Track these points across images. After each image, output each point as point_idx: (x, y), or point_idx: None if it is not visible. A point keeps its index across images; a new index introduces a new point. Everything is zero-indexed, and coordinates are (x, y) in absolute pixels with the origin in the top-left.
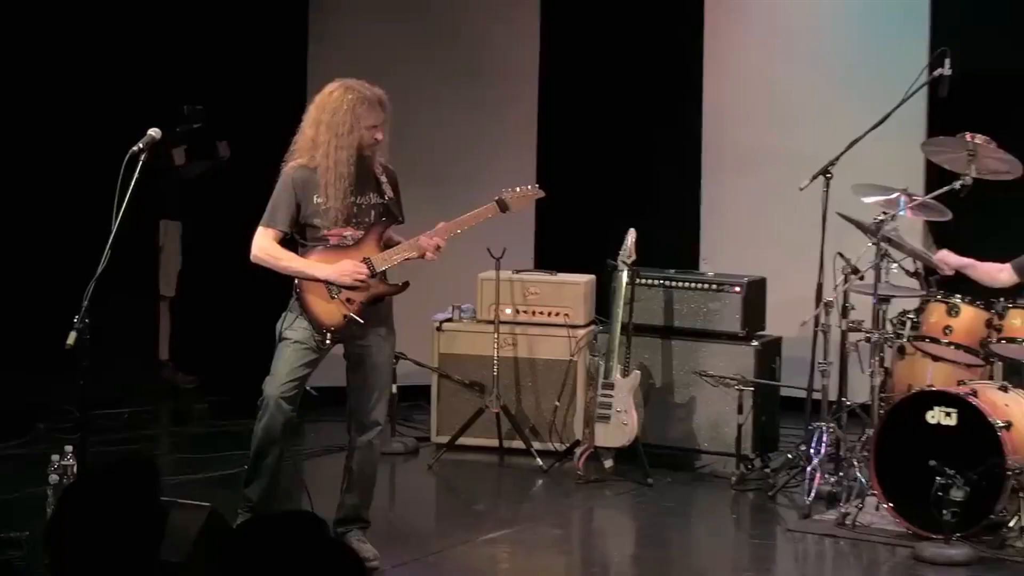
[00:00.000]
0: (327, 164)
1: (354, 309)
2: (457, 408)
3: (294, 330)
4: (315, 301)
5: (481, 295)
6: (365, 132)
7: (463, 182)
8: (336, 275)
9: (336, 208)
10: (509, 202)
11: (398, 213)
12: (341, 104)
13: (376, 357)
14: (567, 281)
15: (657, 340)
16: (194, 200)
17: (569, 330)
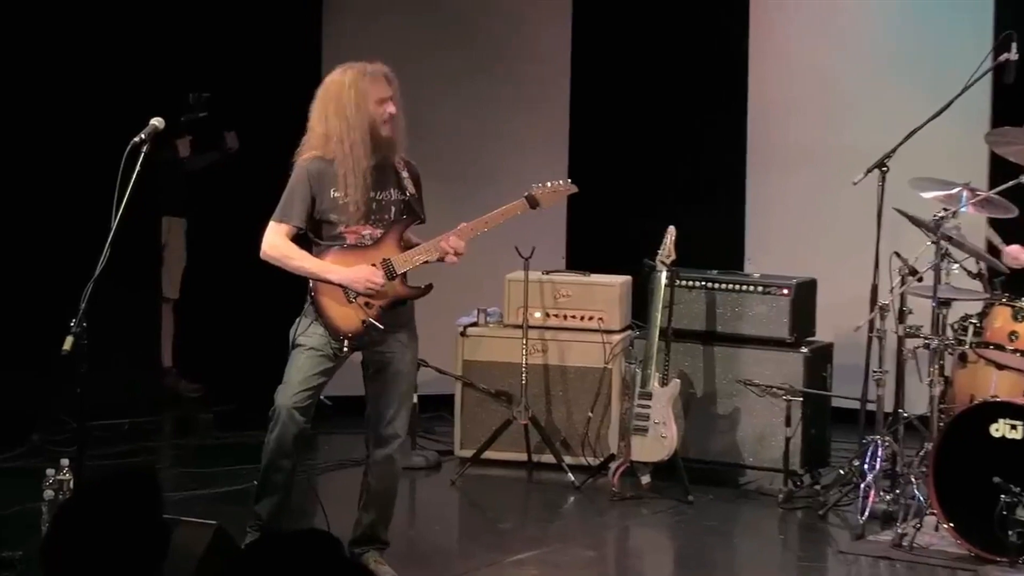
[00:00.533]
0: (343, 151)
1: (373, 314)
2: (482, 419)
3: (309, 336)
4: (331, 305)
5: (509, 297)
6: (375, 108)
7: (489, 178)
8: (350, 280)
9: (355, 202)
10: (539, 198)
11: (419, 211)
12: (343, 85)
13: (397, 364)
14: (601, 282)
15: (698, 346)
16: (200, 195)
17: (603, 335)
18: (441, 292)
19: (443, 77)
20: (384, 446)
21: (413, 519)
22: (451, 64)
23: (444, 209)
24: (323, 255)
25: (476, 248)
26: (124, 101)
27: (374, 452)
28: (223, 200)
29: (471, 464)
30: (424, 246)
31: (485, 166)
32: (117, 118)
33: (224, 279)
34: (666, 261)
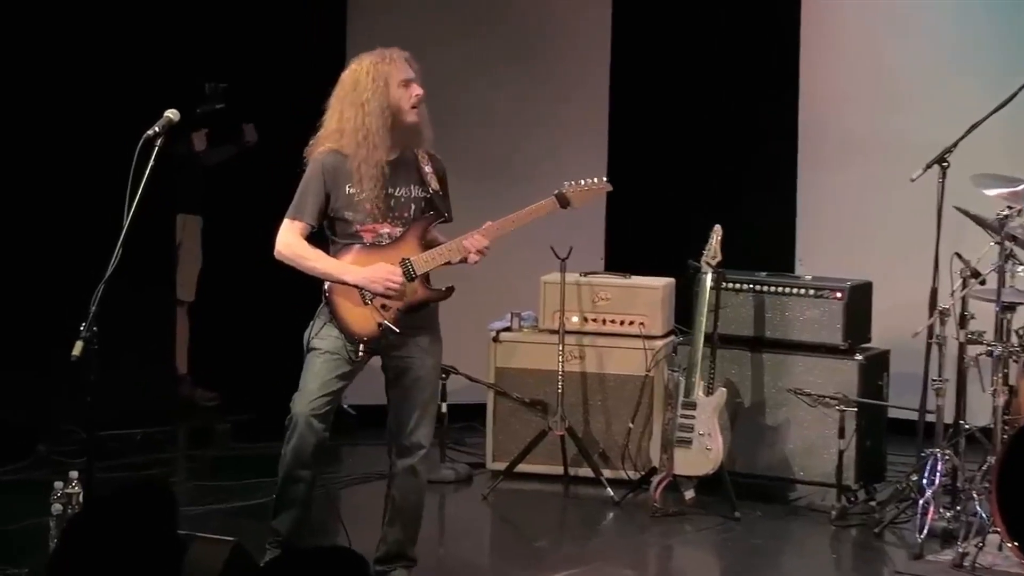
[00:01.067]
0: (356, 142)
1: (389, 317)
2: (516, 430)
3: (323, 339)
4: (346, 307)
5: (544, 301)
6: (397, 91)
7: (521, 174)
8: (367, 280)
9: (370, 198)
10: (570, 197)
11: (444, 209)
12: (360, 72)
13: (418, 370)
14: (642, 285)
15: (746, 353)
16: (216, 191)
17: (645, 341)
18: (473, 295)
19: (474, 64)
20: (406, 457)
21: (442, 536)
22: (482, 50)
23: (474, 207)
24: (339, 254)
25: (509, 248)
26: (137, 92)
27: (396, 464)
28: (241, 197)
29: (504, 478)
30: (446, 246)
31: (518, 161)
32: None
33: (242, 281)
34: (712, 262)
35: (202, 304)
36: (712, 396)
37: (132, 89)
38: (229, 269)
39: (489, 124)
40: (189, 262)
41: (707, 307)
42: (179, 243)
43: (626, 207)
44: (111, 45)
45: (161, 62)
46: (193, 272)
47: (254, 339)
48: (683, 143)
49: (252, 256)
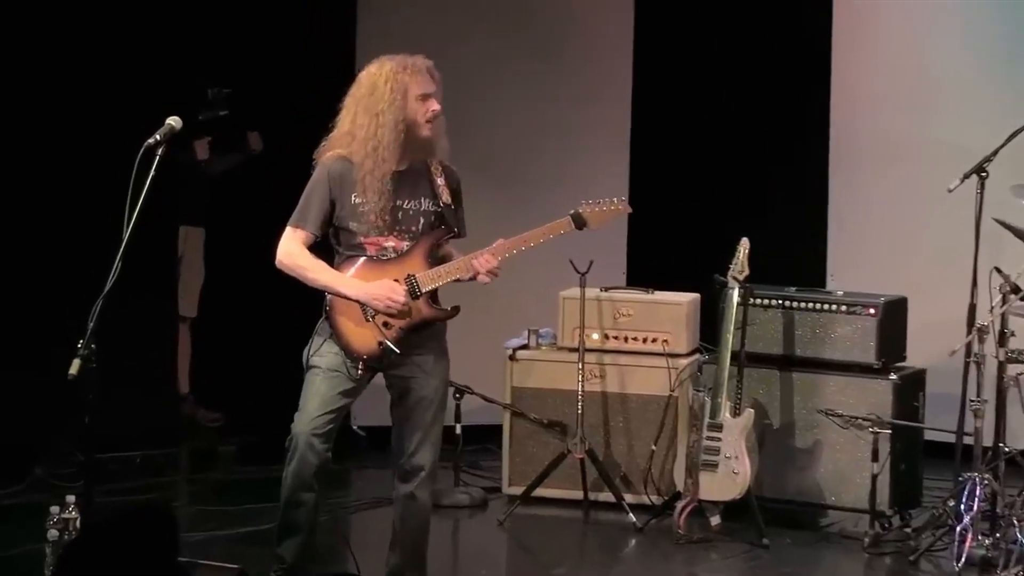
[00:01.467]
0: (365, 151)
1: (391, 335)
2: (533, 453)
3: (323, 356)
4: (347, 323)
5: (563, 317)
6: (415, 105)
7: (539, 185)
8: (368, 296)
9: (375, 210)
10: (587, 217)
11: (455, 224)
12: (379, 78)
13: (420, 391)
14: (666, 301)
15: (774, 372)
16: (220, 202)
17: (668, 359)
18: (488, 311)
19: (489, 66)
20: (407, 481)
21: (456, 563)
22: (498, 51)
23: (488, 217)
24: (342, 267)
25: (526, 262)
26: (137, 98)
27: (398, 487)
28: (245, 208)
29: (521, 503)
30: (454, 263)
31: (535, 168)
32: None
33: (248, 296)
34: (739, 277)
35: (205, 320)
36: (739, 417)
37: (132, 95)
38: (234, 284)
39: (504, 129)
40: (191, 276)
41: (734, 324)
42: (181, 256)
43: (649, 218)
44: (108, 48)
45: (161, 66)
46: (196, 287)
47: (260, 357)
48: (709, 150)
49: (258, 270)
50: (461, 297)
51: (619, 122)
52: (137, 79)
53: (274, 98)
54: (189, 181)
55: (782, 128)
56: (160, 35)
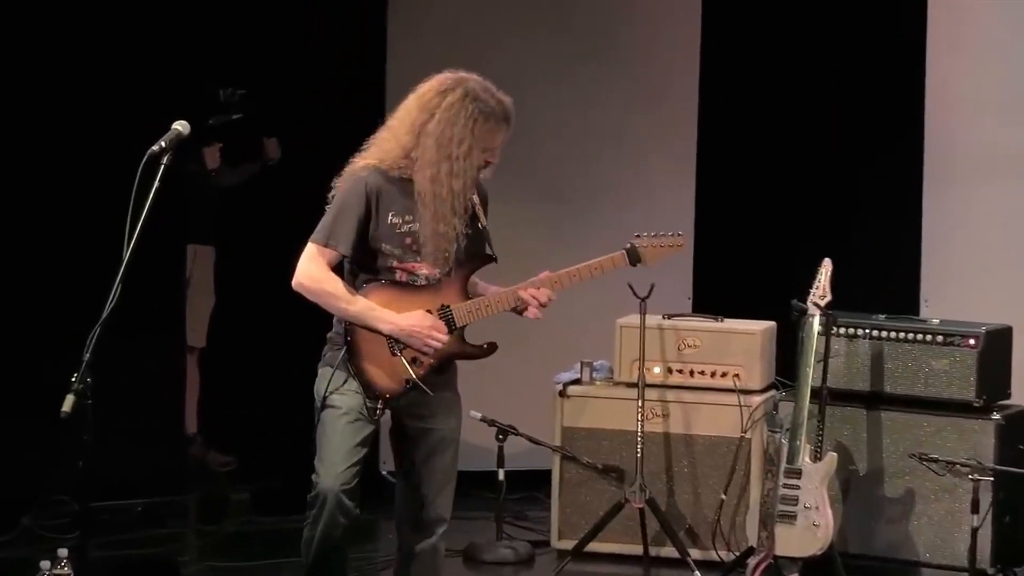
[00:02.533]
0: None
1: (420, 373)
2: (587, 502)
3: (344, 395)
4: (369, 356)
5: (620, 348)
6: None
7: (590, 200)
8: (405, 333)
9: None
10: (643, 253)
11: (490, 246)
12: (460, 115)
13: (441, 431)
14: (737, 330)
15: (861, 411)
16: (233, 218)
17: (740, 396)
18: (535, 342)
19: (536, 67)
20: (426, 535)
21: None
22: (547, 50)
23: (533, 236)
24: (365, 291)
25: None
26: (140, 100)
27: (413, 542)
28: (261, 224)
29: (572, 558)
30: (494, 296)
31: (586, 182)
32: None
33: (264, 323)
34: (820, 303)
35: (216, 351)
36: (820, 462)
37: (134, 97)
38: (248, 309)
39: (550, 136)
40: (200, 301)
41: (814, 356)
42: (189, 278)
43: (719, 236)
44: (109, 45)
45: (167, 64)
46: (205, 313)
47: (278, 393)
48: (786, 159)
49: (276, 294)
50: (504, 325)
51: (684, 127)
52: (140, 79)
53: (294, 100)
54: (198, 194)
55: (870, 136)
56: (166, 30)
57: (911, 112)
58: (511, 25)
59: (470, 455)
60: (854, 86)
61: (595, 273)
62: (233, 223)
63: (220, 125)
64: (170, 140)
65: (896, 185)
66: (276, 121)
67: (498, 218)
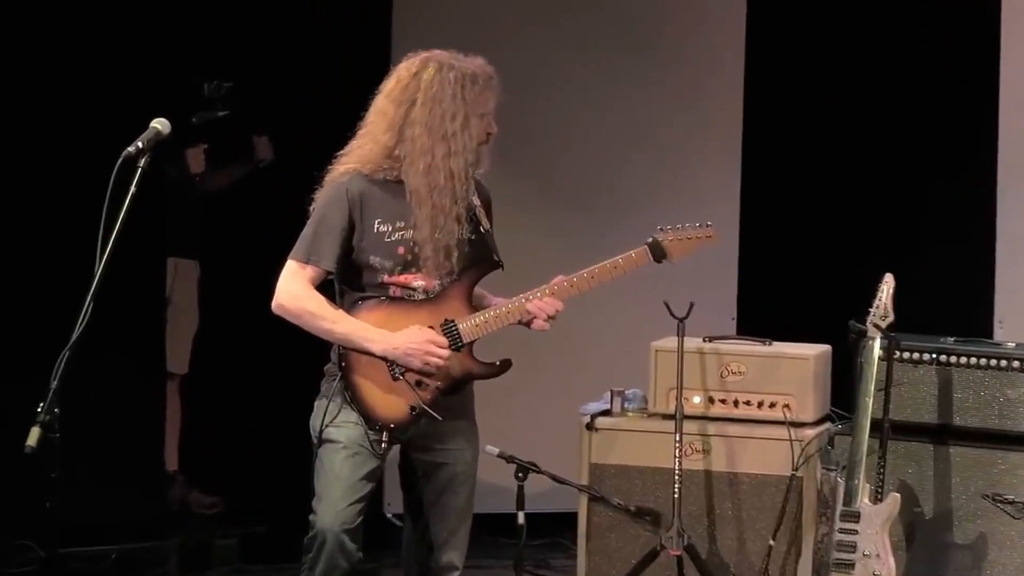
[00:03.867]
0: (425, 183)
1: (427, 397)
2: (618, 548)
3: (341, 427)
4: (367, 384)
5: (655, 375)
6: (478, 124)
7: (622, 209)
8: (402, 352)
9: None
10: (667, 247)
11: (495, 252)
12: (445, 88)
13: (454, 466)
14: (788, 354)
15: (927, 446)
16: (219, 228)
17: (791, 429)
18: (559, 367)
19: (562, 60)
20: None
21: None
22: (570, 41)
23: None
24: (356, 311)
25: (607, 305)
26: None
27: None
28: (251, 235)
29: None
30: (503, 307)
31: (620, 187)
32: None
33: (253, 348)
34: (881, 324)
35: (200, 378)
36: (881, 504)
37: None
38: (236, 332)
39: (577, 138)
40: (183, 322)
41: (875, 384)
42: (169, 297)
43: (766, 250)
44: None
45: (145, 55)
46: (187, 335)
47: (269, 427)
48: (842, 164)
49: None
50: (523, 347)
51: (727, 126)
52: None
53: (287, 94)
54: (180, 201)
55: (937, 138)
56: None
57: (984, 117)
58: (530, 12)
59: (486, 495)
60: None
61: (615, 273)
62: (220, 234)
63: (204, 123)
64: (148, 140)
65: (967, 193)
66: (268, 118)
67: (516, 227)
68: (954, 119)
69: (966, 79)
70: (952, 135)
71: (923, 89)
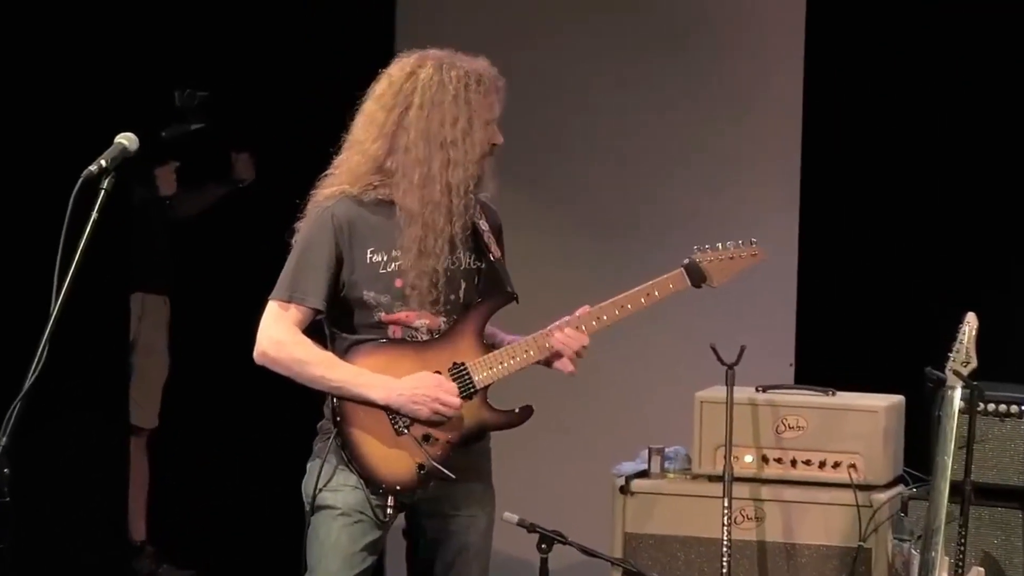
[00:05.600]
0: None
1: (437, 454)
2: None
3: (336, 491)
4: (367, 440)
5: (700, 430)
6: (483, 132)
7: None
8: (406, 399)
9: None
10: (707, 268)
11: (509, 283)
12: (446, 89)
13: (466, 534)
14: (854, 406)
15: (1016, 512)
16: (193, 259)
17: (858, 493)
18: (588, 419)
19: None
20: None
21: None
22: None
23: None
24: (352, 356)
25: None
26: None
27: None
28: (230, 267)
29: None
30: (520, 345)
31: (654, 213)
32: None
33: (231, 399)
34: (963, 370)
35: (170, 434)
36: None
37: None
38: (212, 380)
39: (611, 154)
40: (150, 368)
41: (955, 441)
42: (135, 339)
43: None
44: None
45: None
46: (156, 384)
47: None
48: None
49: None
50: (546, 394)
51: (784, 139)
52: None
53: (272, 105)
54: (148, 227)
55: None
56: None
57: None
58: (556, 17)
59: (504, 568)
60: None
61: (648, 300)
62: (193, 266)
63: (176, 138)
64: (112, 158)
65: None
66: (249, 132)
67: (534, 254)
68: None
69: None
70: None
71: (1013, 102)
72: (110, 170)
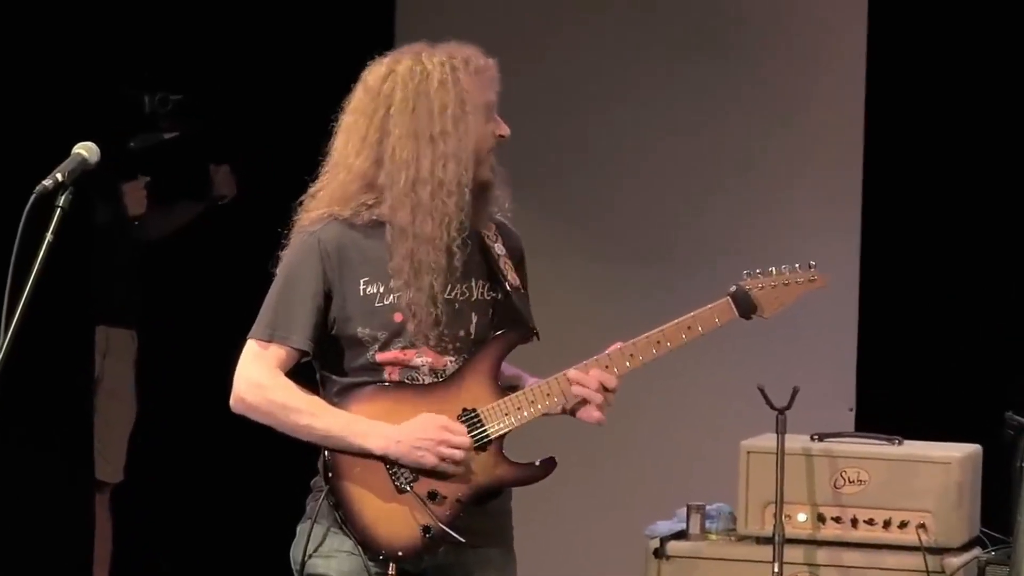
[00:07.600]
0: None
1: (445, 514)
2: None
3: (331, 558)
4: (364, 498)
5: (747, 485)
6: (483, 124)
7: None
8: (408, 447)
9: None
10: (757, 297)
11: (529, 317)
12: (431, 77)
13: None
14: (924, 457)
15: None
16: (163, 288)
17: (928, 557)
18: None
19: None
20: None
21: None
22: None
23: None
24: (345, 403)
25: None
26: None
27: None
28: (206, 297)
29: None
30: (539, 387)
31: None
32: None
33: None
34: None
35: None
36: None
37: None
38: (186, 426)
39: (646, 170)
40: (115, 413)
41: None
42: (99, 379)
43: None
44: None
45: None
46: (122, 431)
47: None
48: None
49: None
50: (571, 445)
51: (842, 151)
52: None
53: (255, 111)
54: (113, 251)
55: None
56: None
57: None
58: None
59: None
60: None
61: (690, 335)
62: (165, 296)
63: (146, 148)
64: (69, 171)
65: None
66: (229, 142)
67: (563, 284)
68: None
69: None
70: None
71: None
72: (67, 185)
